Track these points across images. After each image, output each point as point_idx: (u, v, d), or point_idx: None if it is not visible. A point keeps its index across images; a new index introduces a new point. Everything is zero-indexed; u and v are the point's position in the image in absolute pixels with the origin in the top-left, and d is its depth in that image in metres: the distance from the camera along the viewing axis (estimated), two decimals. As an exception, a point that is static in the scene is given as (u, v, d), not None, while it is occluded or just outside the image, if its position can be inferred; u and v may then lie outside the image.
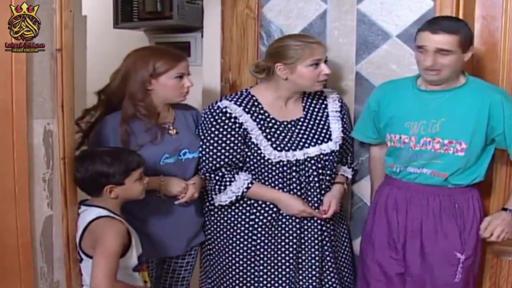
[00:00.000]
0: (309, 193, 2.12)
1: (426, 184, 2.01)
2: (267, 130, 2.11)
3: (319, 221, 2.13)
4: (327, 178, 2.16)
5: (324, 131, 2.18)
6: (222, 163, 2.08)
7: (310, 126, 2.18)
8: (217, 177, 2.09)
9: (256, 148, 2.08)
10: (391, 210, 2.09)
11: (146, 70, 2.00)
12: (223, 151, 2.08)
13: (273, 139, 2.10)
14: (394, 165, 2.09)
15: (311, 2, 2.43)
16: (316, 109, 2.23)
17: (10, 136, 1.57)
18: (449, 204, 2.00)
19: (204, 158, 2.11)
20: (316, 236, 2.13)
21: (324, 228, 2.15)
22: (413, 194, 2.04)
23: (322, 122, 2.20)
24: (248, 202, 2.13)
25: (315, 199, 2.12)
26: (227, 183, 2.08)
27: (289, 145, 2.11)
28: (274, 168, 2.08)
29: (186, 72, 2.07)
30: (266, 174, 2.10)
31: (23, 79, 1.58)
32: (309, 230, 2.13)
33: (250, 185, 2.08)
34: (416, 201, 2.03)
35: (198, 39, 2.86)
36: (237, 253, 2.15)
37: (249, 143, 2.09)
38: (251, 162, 2.11)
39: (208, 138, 2.09)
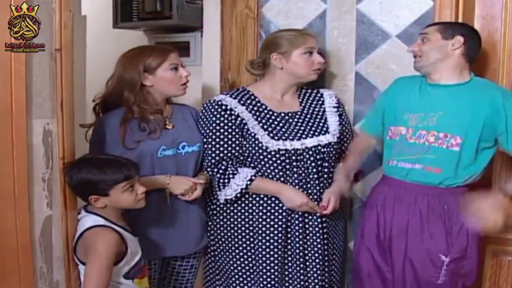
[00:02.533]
0: (308, 185, 2.12)
1: (417, 181, 2.00)
2: (264, 121, 2.13)
3: (320, 216, 2.13)
4: (326, 171, 2.16)
5: (321, 124, 2.20)
6: (221, 155, 2.09)
7: (307, 118, 2.20)
8: (220, 171, 2.09)
9: (254, 139, 2.10)
10: (380, 207, 2.09)
11: (136, 69, 2.01)
12: (221, 143, 2.09)
13: (270, 129, 2.12)
14: (389, 160, 2.09)
15: (310, 2, 2.43)
16: (313, 104, 2.25)
17: (10, 136, 1.56)
18: (438, 204, 1.99)
19: (205, 153, 2.12)
20: (317, 229, 2.13)
21: (325, 224, 2.16)
22: (401, 192, 2.03)
23: (319, 116, 2.22)
24: (254, 202, 2.13)
25: (315, 191, 2.12)
26: (231, 176, 2.09)
27: (286, 134, 2.12)
28: (273, 158, 2.09)
29: (180, 63, 2.08)
30: (266, 165, 2.10)
31: (23, 79, 1.58)
32: (313, 225, 2.13)
33: (253, 178, 2.08)
34: (404, 199, 2.03)
35: (198, 39, 2.86)
36: (241, 253, 2.15)
37: (247, 135, 2.11)
38: (250, 154, 2.11)
39: (208, 131, 2.11)
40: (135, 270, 1.83)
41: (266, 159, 2.10)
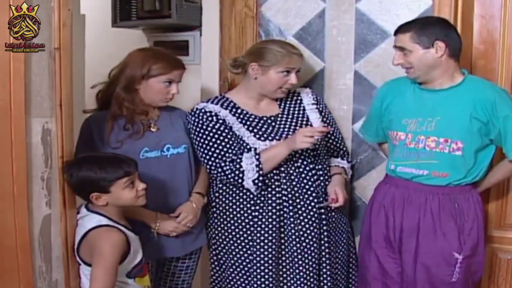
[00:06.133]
0: (303, 184, 2.12)
1: (426, 183, 2.01)
2: (248, 123, 2.14)
3: (317, 217, 2.13)
4: (319, 167, 2.16)
5: (304, 122, 2.21)
6: (222, 153, 2.08)
7: (289, 119, 2.21)
8: (229, 165, 2.06)
9: (241, 141, 2.10)
10: (388, 208, 2.09)
11: (140, 70, 2.01)
12: (218, 142, 2.09)
13: (255, 131, 2.13)
14: (389, 163, 2.10)
15: (309, 1, 2.43)
16: (292, 105, 2.26)
17: (9, 135, 1.56)
18: (448, 203, 2.00)
19: (206, 158, 2.10)
20: (313, 226, 2.13)
21: (324, 221, 2.16)
22: (411, 192, 2.04)
23: (300, 115, 2.23)
24: (252, 202, 2.13)
25: (307, 186, 2.13)
26: (239, 161, 2.05)
27: (272, 135, 2.13)
28: None
29: (177, 80, 2.07)
30: None
31: (22, 78, 1.58)
32: (308, 225, 2.13)
33: (257, 152, 2.05)
34: (414, 200, 2.03)
35: (197, 38, 2.86)
36: (241, 252, 2.15)
37: (233, 138, 2.11)
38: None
39: (198, 138, 2.11)
40: (137, 269, 1.84)
41: None
